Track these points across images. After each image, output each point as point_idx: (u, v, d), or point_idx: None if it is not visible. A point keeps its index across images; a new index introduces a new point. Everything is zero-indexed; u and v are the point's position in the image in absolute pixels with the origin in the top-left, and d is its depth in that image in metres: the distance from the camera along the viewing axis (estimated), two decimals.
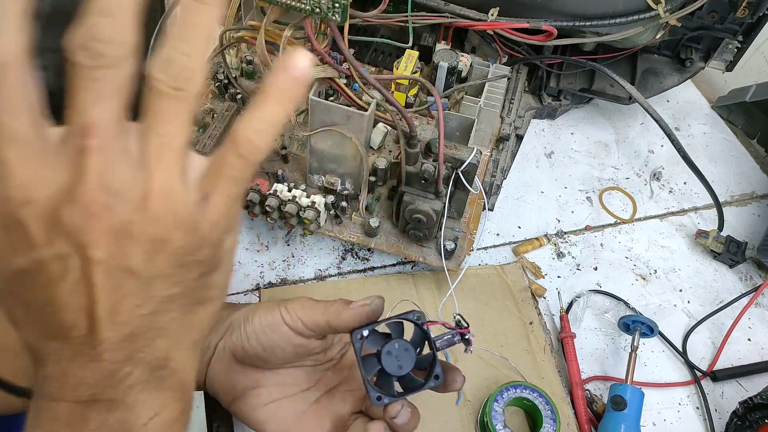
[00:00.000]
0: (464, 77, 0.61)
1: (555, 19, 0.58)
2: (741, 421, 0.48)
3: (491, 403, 0.47)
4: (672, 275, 0.60)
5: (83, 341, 0.23)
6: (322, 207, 0.51)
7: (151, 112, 0.23)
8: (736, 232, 0.63)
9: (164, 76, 0.22)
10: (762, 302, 0.59)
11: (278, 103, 0.24)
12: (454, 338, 0.38)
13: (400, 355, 0.37)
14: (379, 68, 0.64)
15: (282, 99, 0.24)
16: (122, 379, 0.24)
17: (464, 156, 0.47)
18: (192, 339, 0.27)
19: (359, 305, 0.38)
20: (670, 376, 0.54)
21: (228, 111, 0.54)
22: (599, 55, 0.65)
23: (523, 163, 0.68)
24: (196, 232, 0.24)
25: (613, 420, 0.47)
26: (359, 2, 0.67)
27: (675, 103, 0.76)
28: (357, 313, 0.38)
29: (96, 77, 0.21)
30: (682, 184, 0.68)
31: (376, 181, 0.54)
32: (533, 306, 0.55)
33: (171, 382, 0.26)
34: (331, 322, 0.38)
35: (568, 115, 0.73)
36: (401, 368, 0.36)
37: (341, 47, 0.43)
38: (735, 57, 0.66)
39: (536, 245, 0.61)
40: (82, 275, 0.22)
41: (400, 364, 0.36)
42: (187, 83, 0.22)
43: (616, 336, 0.56)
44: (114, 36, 0.21)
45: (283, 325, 0.39)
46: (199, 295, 0.26)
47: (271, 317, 0.39)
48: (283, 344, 0.39)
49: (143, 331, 0.24)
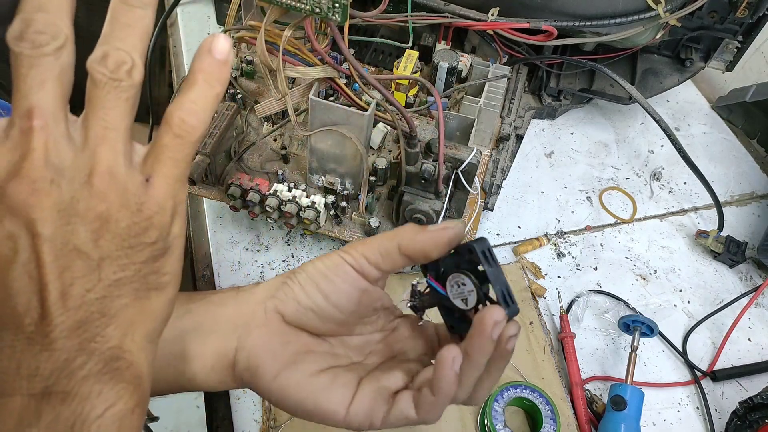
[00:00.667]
0: (464, 77, 0.61)
1: (555, 19, 0.58)
2: (741, 421, 0.48)
3: (491, 403, 0.47)
4: (672, 275, 0.60)
5: (36, 329, 0.23)
6: (322, 207, 0.51)
7: (94, 101, 0.24)
8: (736, 232, 0.63)
9: (103, 68, 0.24)
10: (762, 302, 0.59)
11: (206, 84, 0.26)
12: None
13: (462, 289, 0.34)
14: (379, 68, 0.64)
15: (209, 80, 0.26)
16: (76, 370, 0.24)
17: (464, 156, 0.47)
18: (146, 329, 0.27)
19: (439, 227, 0.34)
20: (670, 376, 0.54)
21: (228, 111, 0.54)
22: (599, 55, 0.65)
23: (523, 163, 0.68)
24: (141, 213, 0.25)
25: (613, 420, 0.47)
26: (359, 2, 0.67)
27: (675, 103, 0.76)
28: (436, 237, 0.33)
29: (35, 65, 0.23)
30: (682, 184, 0.68)
31: (376, 181, 0.54)
32: (533, 306, 0.55)
33: (126, 374, 0.26)
34: (403, 246, 0.34)
35: (568, 115, 0.73)
36: (466, 302, 0.34)
37: (341, 47, 0.43)
38: (735, 57, 0.66)
39: (536, 245, 0.61)
40: (32, 254, 0.23)
41: (465, 298, 0.34)
42: (125, 74, 0.24)
43: (616, 336, 0.56)
44: (50, 27, 0.23)
45: (346, 265, 0.35)
46: (150, 281, 0.26)
47: (330, 261, 0.35)
48: (349, 289, 0.35)
49: (95, 317, 0.24)
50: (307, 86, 0.48)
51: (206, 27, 0.78)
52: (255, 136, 0.57)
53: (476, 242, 0.33)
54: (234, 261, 0.57)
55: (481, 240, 0.33)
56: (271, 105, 0.50)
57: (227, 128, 0.53)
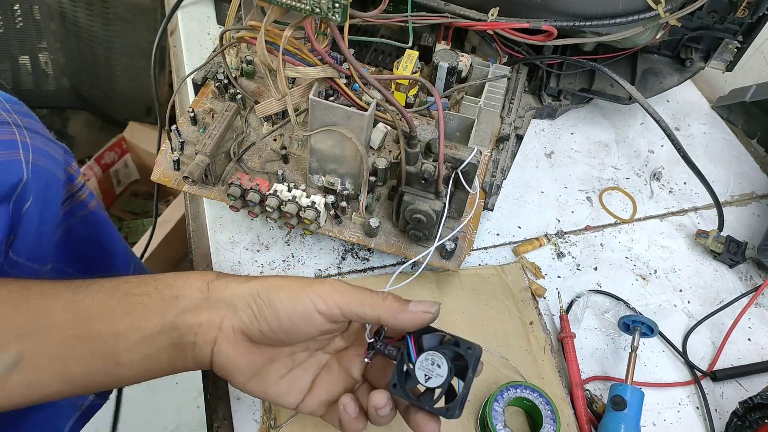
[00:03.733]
0: (464, 77, 0.61)
1: (555, 19, 0.58)
2: (741, 421, 0.48)
3: (491, 403, 0.47)
4: (672, 275, 0.60)
5: None
6: (322, 207, 0.51)
7: None
8: (736, 232, 0.63)
9: None
10: (762, 302, 0.59)
11: None
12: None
13: (433, 368, 0.37)
14: (379, 68, 0.64)
15: None
16: None
17: (464, 156, 0.47)
18: None
19: (422, 311, 0.38)
20: (670, 376, 0.54)
21: (228, 111, 0.54)
22: (599, 55, 0.65)
23: (523, 163, 0.68)
24: None
25: (613, 420, 0.47)
26: (359, 2, 0.67)
27: (675, 103, 0.76)
28: (418, 318, 0.38)
29: None
30: (682, 184, 0.68)
31: (376, 181, 0.54)
32: (533, 306, 0.55)
33: None
34: (384, 319, 0.38)
35: (568, 115, 0.73)
36: (428, 380, 0.37)
37: (341, 47, 0.43)
38: (735, 57, 0.66)
39: (536, 245, 0.61)
40: None
41: (429, 376, 0.37)
42: None
43: (616, 336, 0.56)
44: None
45: (316, 314, 0.38)
46: None
47: (301, 306, 0.38)
48: (312, 330, 0.39)
49: None
50: (307, 86, 0.48)
51: (206, 27, 0.78)
52: (255, 136, 0.57)
53: (474, 347, 0.37)
54: (234, 261, 0.57)
55: (478, 347, 0.37)
56: (271, 105, 0.50)
57: (227, 128, 0.53)
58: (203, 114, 0.58)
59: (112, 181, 1.44)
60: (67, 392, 0.38)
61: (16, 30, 1.30)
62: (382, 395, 0.37)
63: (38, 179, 0.45)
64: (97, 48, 1.31)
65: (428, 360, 0.37)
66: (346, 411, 0.39)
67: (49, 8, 1.28)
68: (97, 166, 1.38)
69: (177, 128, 0.56)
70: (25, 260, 0.47)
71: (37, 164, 0.45)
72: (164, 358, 0.39)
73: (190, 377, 1.10)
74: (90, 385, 0.39)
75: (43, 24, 1.30)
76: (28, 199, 0.45)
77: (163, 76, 1.35)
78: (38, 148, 0.46)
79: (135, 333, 0.38)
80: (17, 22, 1.29)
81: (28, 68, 1.34)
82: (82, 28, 1.29)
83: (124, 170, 1.46)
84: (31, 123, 0.47)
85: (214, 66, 0.61)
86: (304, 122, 0.56)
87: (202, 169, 0.51)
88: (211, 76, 0.61)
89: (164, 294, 0.39)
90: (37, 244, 0.48)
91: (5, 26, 1.29)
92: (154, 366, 0.39)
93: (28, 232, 0.46)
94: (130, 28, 1.29)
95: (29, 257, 0.47)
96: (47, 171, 0.47)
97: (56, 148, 0.50)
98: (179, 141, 0.55)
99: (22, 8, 1.28)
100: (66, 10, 1.27)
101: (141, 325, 0.38)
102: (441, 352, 0.37)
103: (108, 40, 1.30)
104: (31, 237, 0.46)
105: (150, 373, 0.39)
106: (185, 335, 0.39)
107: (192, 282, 0.40)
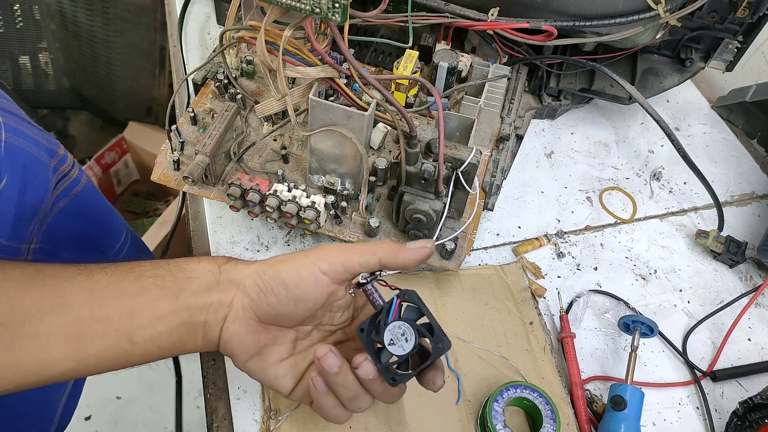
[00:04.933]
0: (464, 77, 0.61)
1: (555, 19, 0.58)
2: (741, 421, 0.48)
3: (491, 403, 0.47)
4: (672, 275, 0.60)
5: None
6: (322, 207, 0.51)
7: None
8: (736, 232, 0.63)
9: None
10: (762, 302, 0.59)
11: None
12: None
13: (400, 338, 0.39)
14: (379, 68, 0.64)
15: None
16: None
17: (464, 156, 0.47)
18: None
19: (419, 247, 0.40)
20: (670, 376, 0.54)
21: (228, 111, 0.54)
22: (599, 55, 0.65)
23: (523, 163, 0.68)
24: None
25: (613, 420, 0.48)
26: (359, 2, 0.67)
27: (675, 103, 0.76)
28: (416, 255, 0.40)
29: None
30: (682, 184, 0.68)
31: (376, 181, 0.54)
32: (533, 306, 0.55)
33: None
34: (384, 260, 0.40)
35: (568, 115, 0.73)
36: (391, 345, 0.39)
37: (341, 47, 0.43)
38: (735, 57, 0.66)
39: (536, 245, 0.61)
40: None
41: (393, 343, 0.39)
42: None
43: (616, 336, 0.56)
44: None
45: (321, 275, 0.39)
46: None
47: (306, 271, 0.39)
48: (319, 294, 0.40)
49: None
50: (307, 86, 0.48)
51: (206, 27, 0.78)
52: (255, 136, 0.57)
53: (444, 343, 0.39)
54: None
55: (448, 344, 0.39)
56: (271, 105, 0.50)
57: (227, 128, 0.53)
58: (203, 114, 0.59)
59: (112, 181, 1.44)
60: (81, 371, 0.39)
61: (16, 30, 1.30)
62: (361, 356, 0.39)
63: (13, 158, 0.44)
64: (97, 48, 1.31)
65: (400, 329, 0.39)
66: (315, 386, 0.40)
67: (49, 8, 1.28)
68: (98, 166, 1.38)
69: (177, 128, 0.56)
70: (6, 240, 0.45)
71: (10, 143, 0.44)
72: (175, 337, 0.40)
73: (190, 377, 1.11)
74: (103, 364, 0.39)
75: (43, 24, 1.30)
76: (2, 177, 0.43)
77: (163, 75, 1.35)
78: (12, 127, 0.45)
79: (149, 312, 0.39)
80: (17, 22, 1.29)
81: (28, 68, 1.34)
82: (82, 28, 1.29)
83: (124, 170, 1.46)
84: (3, 103, 0.46)
85: (214, 66, 0.61)
86: (304, 122, 0.56)
87: (202, 169, 0.51)
88: (211, 76, 0.61)
89: (177, 276, 0.40)
90: (17, 225, 0.46)
91: (5, 26, 1.29)
92: (166, 344, 0.40)
93: (6, 212, 0.45)
94: (130, 28, 1.29)
95: (9, 237, 0.46)
96: (24, 151, 0.46)
97: (35, 131, 0.49)
98: (179, 141, 0.55)
99: (22, 8, 1.28)
100: (66, 10, 1.27)
101: (155, 305, 0.39)
102: (415, 329, 0.39)
103: (108, 40, 1.30)
104: (10, 217, 0.45)
105: (161, 351, 0.40)
106: (196, 315, 0.40)
107: (204, 265, 0.41)
